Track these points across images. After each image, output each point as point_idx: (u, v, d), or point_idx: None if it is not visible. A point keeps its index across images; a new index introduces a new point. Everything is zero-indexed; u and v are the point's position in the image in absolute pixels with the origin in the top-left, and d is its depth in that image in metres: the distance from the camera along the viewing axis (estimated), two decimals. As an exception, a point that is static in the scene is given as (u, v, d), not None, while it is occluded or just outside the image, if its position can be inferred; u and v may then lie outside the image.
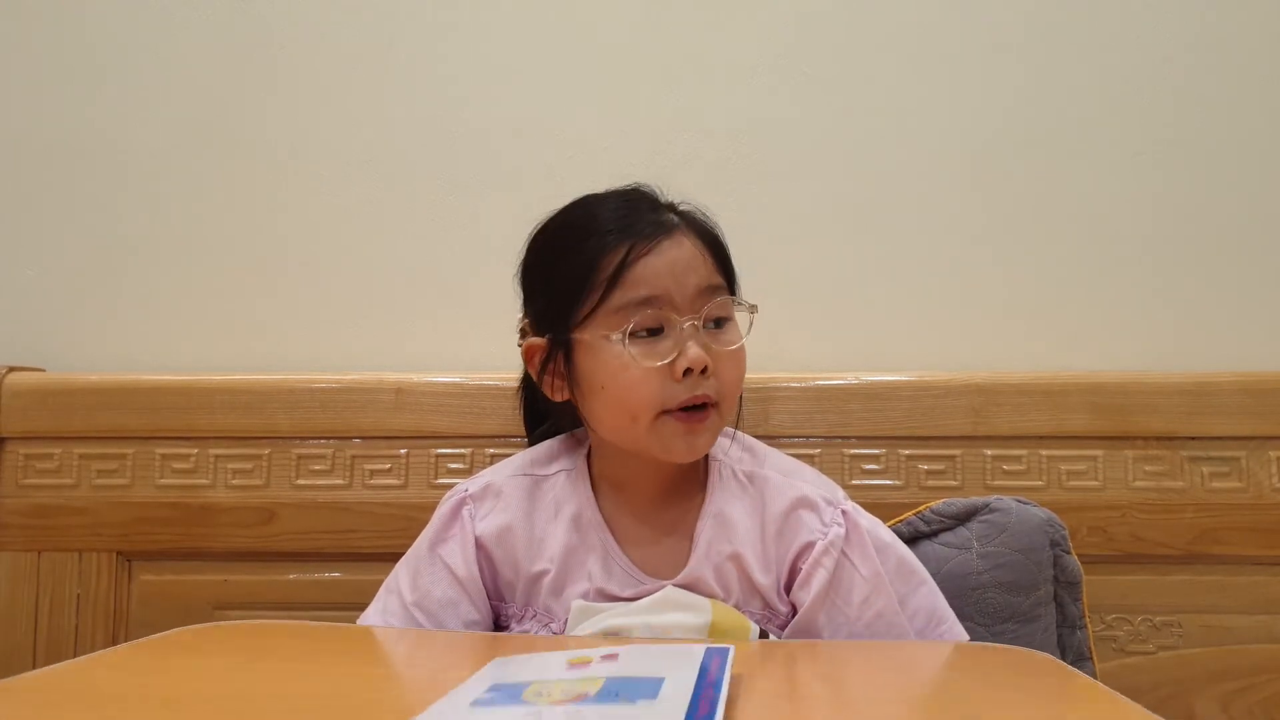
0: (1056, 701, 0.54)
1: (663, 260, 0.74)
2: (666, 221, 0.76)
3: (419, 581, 0.80)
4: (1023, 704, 0.53)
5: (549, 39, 1.15)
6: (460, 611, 0.79)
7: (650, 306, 0.73)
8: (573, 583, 0.78)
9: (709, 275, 0.75)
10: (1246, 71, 1.10)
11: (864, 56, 1.13)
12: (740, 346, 0.76)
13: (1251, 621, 0.99)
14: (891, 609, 0.75)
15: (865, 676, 0.62)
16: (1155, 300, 1.10)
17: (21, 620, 1.04)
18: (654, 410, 0.73)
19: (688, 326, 0.73)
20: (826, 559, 0.75)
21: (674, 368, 0.72)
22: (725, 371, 0.75)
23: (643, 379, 0.72)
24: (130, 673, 0.59)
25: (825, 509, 0.78)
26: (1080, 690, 0.55)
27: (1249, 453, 1.00)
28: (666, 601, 0.72)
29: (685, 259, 0.74)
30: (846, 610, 0.75)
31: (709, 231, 0.79)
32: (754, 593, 0.77)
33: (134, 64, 1.17)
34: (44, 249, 1.17)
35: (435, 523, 0.83)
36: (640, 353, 0.72)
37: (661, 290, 0.73)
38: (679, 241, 0.75)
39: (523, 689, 0.47)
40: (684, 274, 0.74)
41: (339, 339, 1.14)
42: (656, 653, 0.54)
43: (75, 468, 1.06)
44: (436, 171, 1.15)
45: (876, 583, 0.76)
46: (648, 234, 0.74)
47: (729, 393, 0.76)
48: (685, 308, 0.73)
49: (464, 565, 0.79)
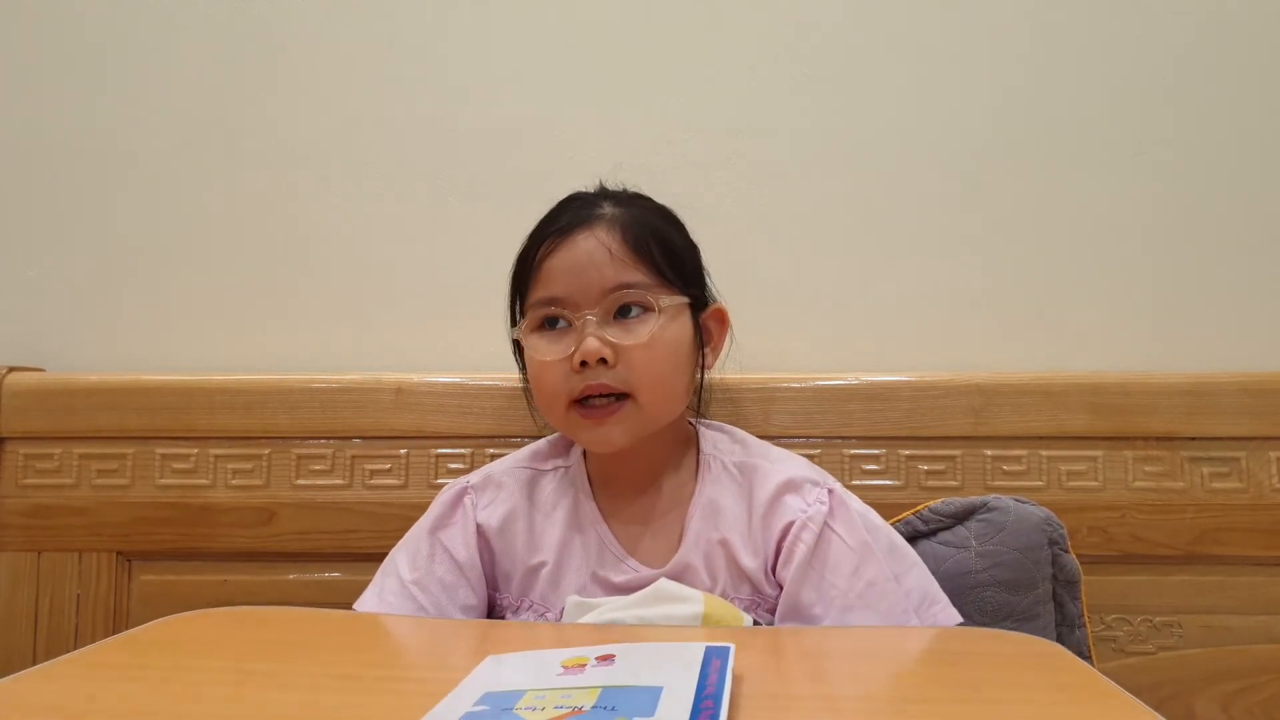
0: (1060, 690, 0.54)
1: (568, 256, 0.77)
2: (589, 216, 0.78)
3: (418, 562, 0.81)
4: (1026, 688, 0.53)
5: (549, 39, 1.15)
6: (459, 596, 0.79)
7: (554, 304, 0.77)
8: (569, 573, 0.80)
9: (617, 271, 0.76)
10: (1246, 71, 1.10)
11: (864, 57, 1.13)
12: (651, 338, 0.75)
13: (1251, 622, 0.99)
14: (884, 577, 0.74)
15: (863, 668, 0.62)
16: (1155, 300, 1.10)
17: (21, 620, 1.04)
18: (561, 402, 0.77)
19: (589, 320, 0.75)
20: (806, 533, 0.76)
21: (572, 360, 0.75)
22: (636, 362, 0.75)
23: (548, 372, 0.77)
24: (127, 660, 0.59)
25: (810, 489, 0.79)
26: (1084, 681, 0.55)
27: (1249, 453, 1.00)
28: (658, 594, 0.73)
29: (590, 254, 0.76)
30: (836, 581, 0.74)
31: (641, 223, 0.79)
32: (742, 578, 0.77)
33: (134, 64, 1.17)
34: (44, 249, 1.17)
35: (435, 509, 0.84)
36: (546, 346, 0.77)
37: (563, 287, 0.77)
38: (591, 236, 0.77)
39: (515, 699, 0.46)
40: (586, 269, 0.76)
41: (339, 339, 1.14)
42: (654, 654, 0.53)
43: (75, 468, 1.06)
44: (436, 171, 1.15)
45: (865, 552, 0.75)
46: (562, 231, 0.78)
47: (644, 383, 0.76)
48: (587, 302, 0.76)
49: (465, 550, 0.81)
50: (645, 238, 0.78)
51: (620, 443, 0.77)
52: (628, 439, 0.77)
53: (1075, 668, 0.57)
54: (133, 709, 0.50)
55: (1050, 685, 0.55)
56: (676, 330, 0.78)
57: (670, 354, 0.77)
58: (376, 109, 1.15)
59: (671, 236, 0.81)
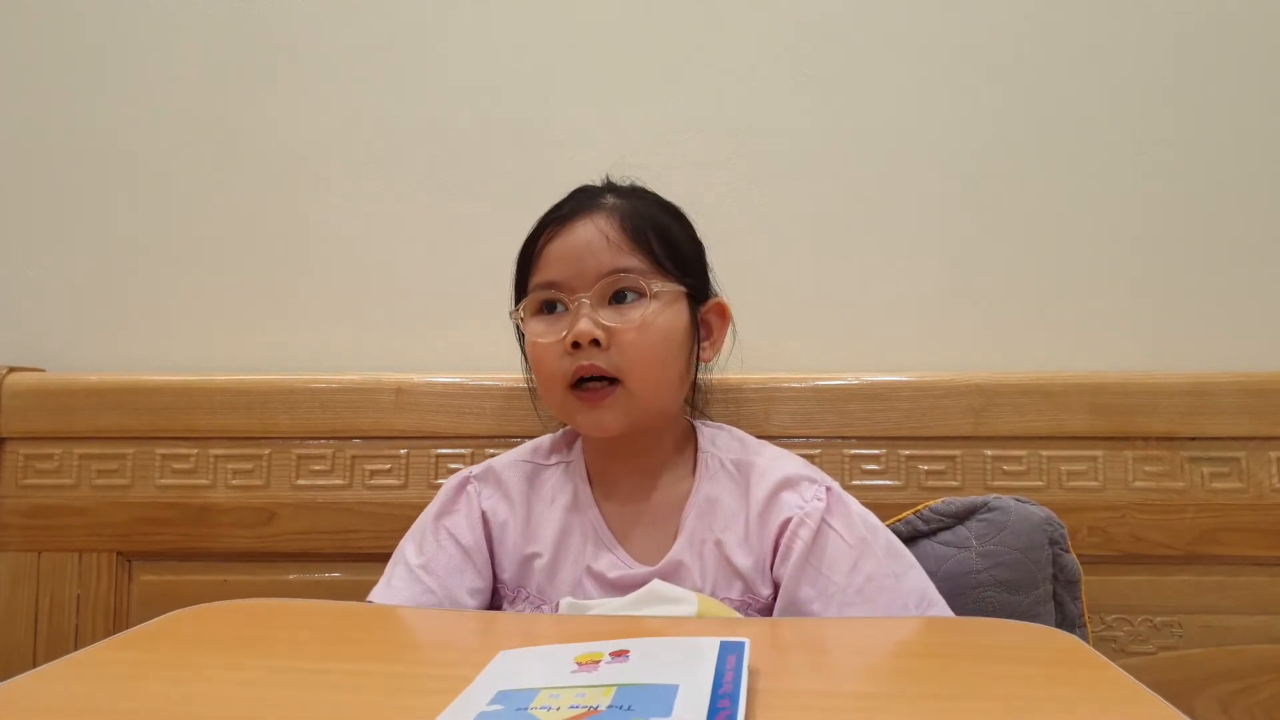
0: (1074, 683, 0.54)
1: (568, 242, 0.78)
2: (591, 205, 0.80)
3: (425, 547, 0.82)
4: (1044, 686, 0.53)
5: (549, 39, 1.15)
6: (465, 579, 0.81)
7: (552, 287, 0.78)
8: (565, 565, 0.81)
9: (613, 257, 0.77)
10: (1246, 72, 1.10)
11: (864, 56, 1.13)
12: (642, 322, 0.76)
13: (1251, 622, 0.99)
14: (883, 573, 0.74)
15: (882, 663, 0.61)
16: (1155, 300, 1.10)
17: (21, 620, 1.04)
18: (558, 384, 0.78)
19: (583, 302, 0.76)
20: (804, 530, 0.76)
21: (565, 341, 0.76)
22: (627, 345, 0.76)
23: (544, 353, 0.78)
24: (133, 656, 0.59)
25: (807, 487, 0.79)
26: (1105, 675, 0.54)
27: (1249, 453, 1.00)
28: (652, 595, 0.73)
29: (588, 240, 0.78)
30: (834, 577, 0.74)
31: (640, 213, 0.80)
32: (734, 576, 0.78)
33: (134, 64, 1.17)
34: (44, 249, 1.17)
35: (440, 498, 0.86)
36: (543, 329, 0.79)
37: (560, 271, 0.78)
38: (590, 224, 0.78)
39: (530, 698, 0.46)
40: (584, 254, 0.77)
41: (339, 339, 1.14)
42: (668, 651, 0.53)
43: (75, 468, 1.06)
44: (436, 171, 1.15)
45: (863, 548, 0.75)
46: (563, 219, 0.79)
47: (635, 368, 0.76)
48: (582, 286, 0.77)
49: (470, 534, 0.82)
50: (643, 226, 0.79)
51: (613, 427, 0.78)
52: (620, 424, 0.78)
53: (1094, 661, 0.56)
54: (138, 707, 0.50)
55: (1070, 680, 0.54)
56: (671, 318, 0.78)
57: (662, 339, 0.78)
58: (376, 109, 1.15)
59: (670, 227, 0.82)
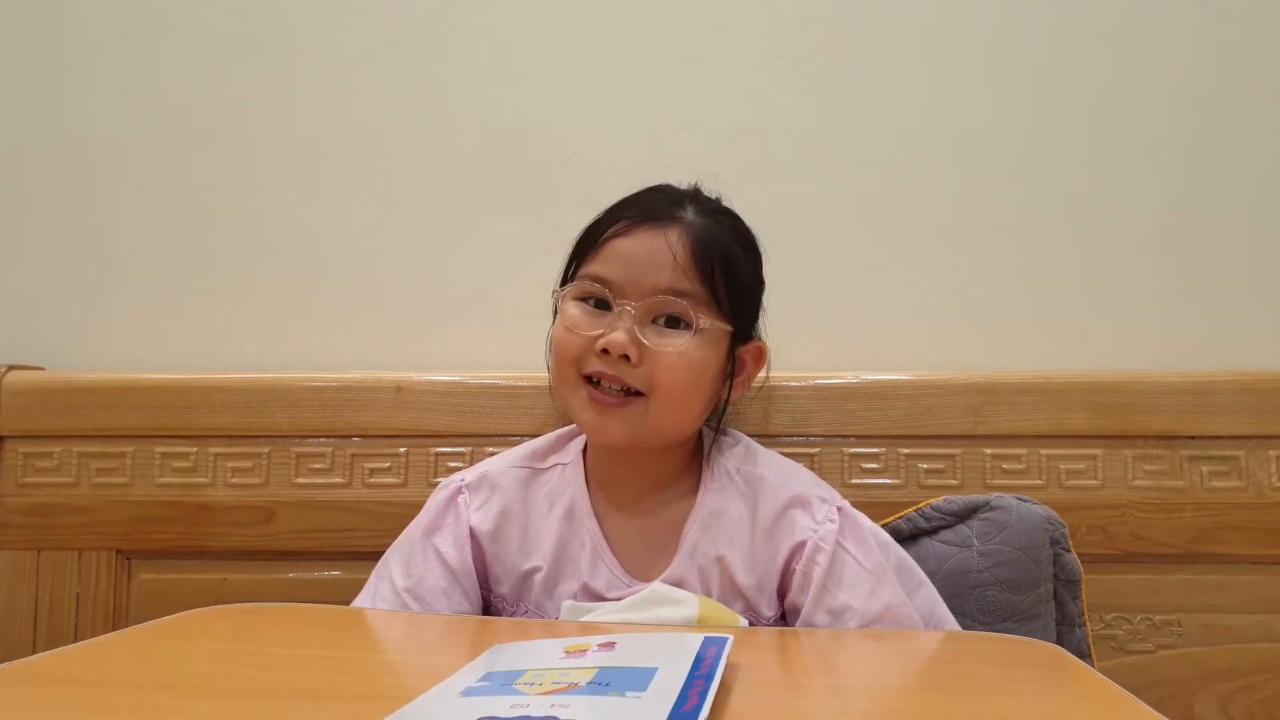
0: (1057, 689, 0.54)
1: (633, 245, 0.76)
2: (669, 214, 0.77)
3: (411, 569, 0.80)
4: (1025, 692, 0.53)
5: (549, 39, 1.15)
6: (452, 601, 0.79)
7: (602, 283, 0.75)
8: (564, 580, 0.79)
9: (674, 278, 0.75)
10: (1246, 72, 1.10)
11: (865, 56, 1.13)
12: (678, 353, 0.74)
13: (1251, 621, 0.99)
14: (899, 600, 0.73)
15: (862, 664, 0.62)
16: (1155, 300, 1.10)
17: (21, 619, 1.04)
18: (573, 371, 0.76)
19: (627, 311, 0.74)
20: (821, 555, 0.75)
21: (596, 341, 0.74)
22: (658, 371, 0.74)
23: (571, 341, 0.76)
24: (131, 655, 0.59)
25: (819, 506, 0.78)
26: (1081, 680, 0.55)
27: (1249, 452, 1.00)
28: (654, 597, 0.72)
29: (653, 251, 0.75)
30: (851, 603, 0.73)
31: (713, 238, 0.77)
32: (736, 595, 0.76)
33: (134, 63, 1.17)
34: (44, 249, 1.17)
35: (429, 510, 0.83)
36: (581, 318, 0.76)
37: (617, 271, 0.75)
38: (661, 235, 0.75)
39: (516, 678, 0.47)
40: (645, 264, 0.75)
41: (339, 338, 1.14)
42: (653, 642, 0.54)
43: (75, 466, 1.06)
44: (436, 171, 1.15)
45: (880, 574, 0.74)
46: (636, 219, 0.76)
47: (658, 392, 0.74)
48: (634, 294, 0.75)
49: (457, 554, 0.80)
50: (711, 255, 0.76)
51: (616, 437, 0.76)
52: (625, 437, 0.76)
53: (1076, 669, 0.57)
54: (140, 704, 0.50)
55: (1050, 684, 0.55)
56: (708, 354, 0.76)
57: (694, 374, 0.76)
58: (377, 108, 1.15)
59: (738, 260, 0.79)
